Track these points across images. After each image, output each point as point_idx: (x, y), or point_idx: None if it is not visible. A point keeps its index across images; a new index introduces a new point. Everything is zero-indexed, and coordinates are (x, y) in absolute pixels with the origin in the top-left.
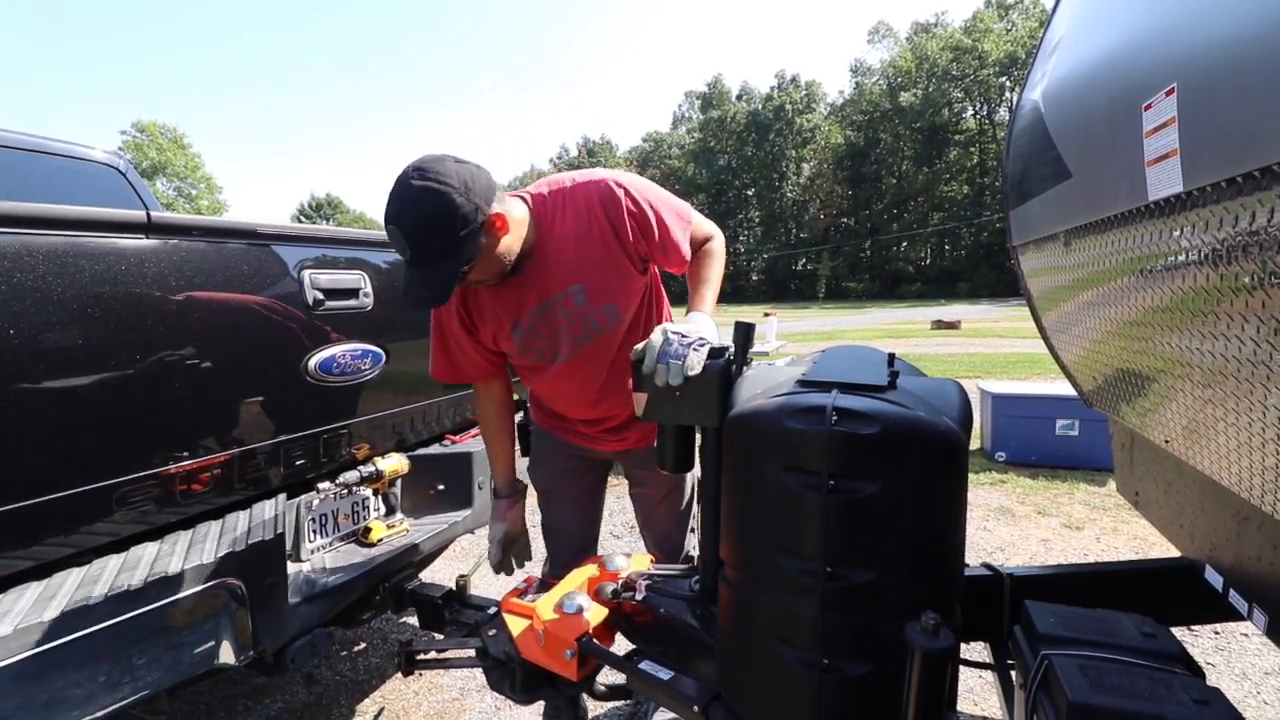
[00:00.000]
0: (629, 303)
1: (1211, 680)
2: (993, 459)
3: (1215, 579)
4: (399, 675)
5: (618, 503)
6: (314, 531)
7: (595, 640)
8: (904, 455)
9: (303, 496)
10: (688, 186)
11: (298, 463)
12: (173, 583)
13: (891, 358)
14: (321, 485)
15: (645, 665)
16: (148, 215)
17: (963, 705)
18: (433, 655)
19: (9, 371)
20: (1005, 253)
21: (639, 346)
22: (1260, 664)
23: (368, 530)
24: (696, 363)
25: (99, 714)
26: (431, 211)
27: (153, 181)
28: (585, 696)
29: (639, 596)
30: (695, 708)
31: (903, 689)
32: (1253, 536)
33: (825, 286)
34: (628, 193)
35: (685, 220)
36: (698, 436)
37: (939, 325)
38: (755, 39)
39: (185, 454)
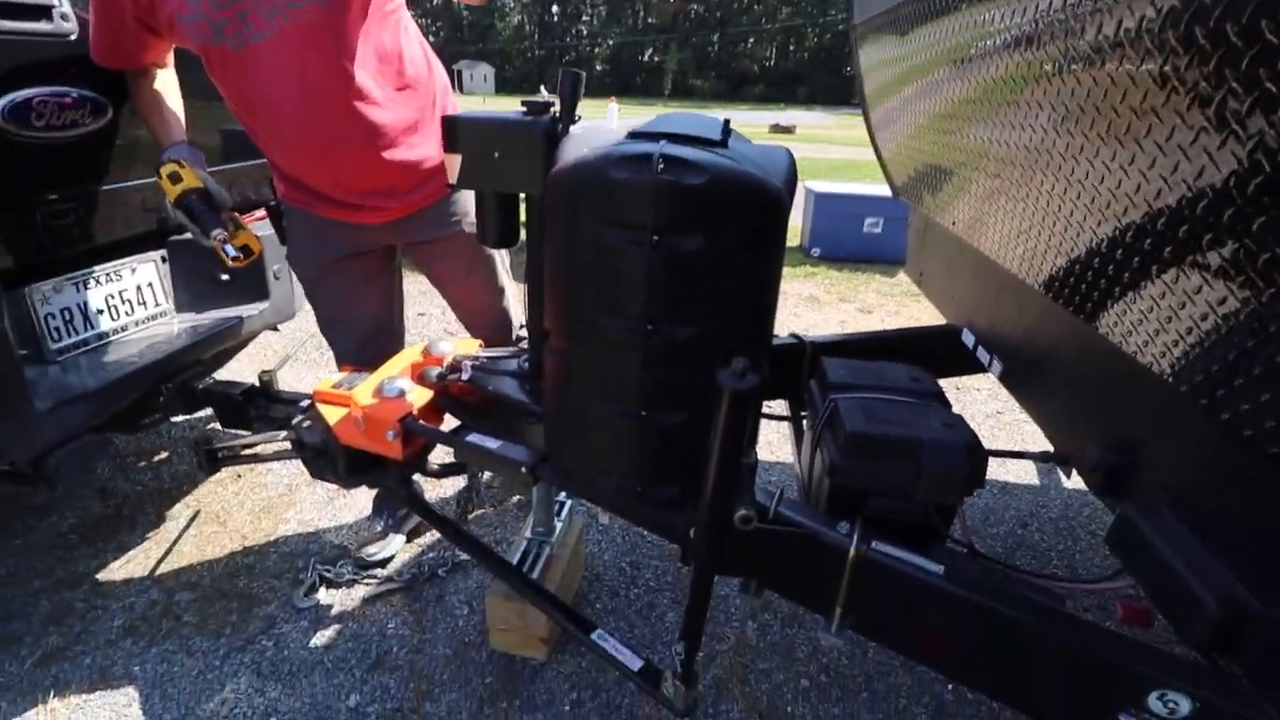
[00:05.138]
0: None
1: None
2: (808, 254)
3: (969, 339)
4: (215, 481)
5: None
6: (58, 328)
7: (421, 422)
8: (730, 209)
9: (32, 286)
10: None
11: (9, 243)
12: None
13: (727, 123)
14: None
15: (473, 437)
16: None
17: (761, 456)
18: (242, 452)
19: None
20: (843, 57)
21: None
22: (984, 409)
23: (246, 249)
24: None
25: None
26: None
27: None
28: (420, 478)
29: (465, 377)
30: (524, 469)
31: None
32: (1006, 301)
33: (672, 83)
34: None
35: None
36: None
37: (776, 129)
38: None
39: None
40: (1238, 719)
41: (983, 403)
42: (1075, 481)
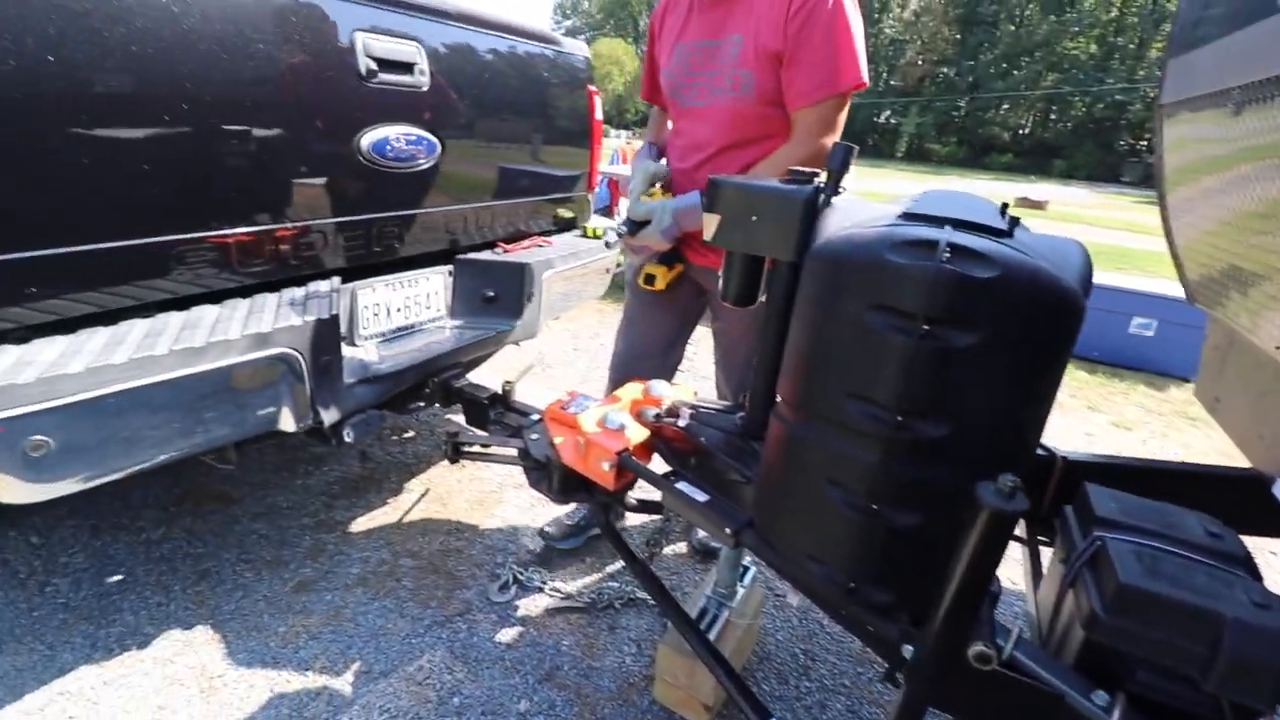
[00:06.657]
0: (766, 79)
1: None
2: None
3: None
4: (444, 464)
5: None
6: (368, 319)
7: (635, 458)
8: (1018, 307)
9: (356, 283)
10: None
11: (350, 247)
12: (234, 346)
13: (1005, 207)
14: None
15: (683, 485)
16: None
17: None
18: (477, 449)
19: (68, 110)
20: (1114, 130)
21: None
22: None
23: (651, 278)
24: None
25: (174, 455)
26: None
27: None
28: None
29: (681, 423)
30: (728, 530)
31: (951, 544)
32: None
33: (906, 146)
34: None
35: (832, 78)
36: None
37: (1024, 203)
38: None
39: (239, 220)
40: None
41: None
42: None
